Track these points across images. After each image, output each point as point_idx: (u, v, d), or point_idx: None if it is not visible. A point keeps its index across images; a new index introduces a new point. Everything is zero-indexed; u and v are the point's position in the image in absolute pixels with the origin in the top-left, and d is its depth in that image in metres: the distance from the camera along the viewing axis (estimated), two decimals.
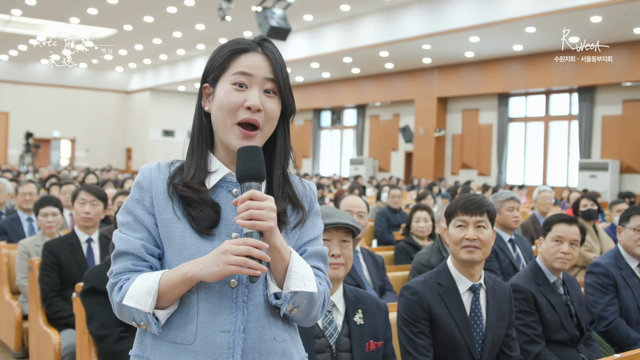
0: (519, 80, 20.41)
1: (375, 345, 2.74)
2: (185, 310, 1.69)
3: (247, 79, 1.71)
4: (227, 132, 1.71)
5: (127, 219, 1.75)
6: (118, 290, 1.69)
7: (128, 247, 1.71)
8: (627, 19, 15.01)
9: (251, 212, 1.58)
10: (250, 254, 1.56)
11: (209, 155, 1.77)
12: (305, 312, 1.73)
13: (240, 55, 1.74)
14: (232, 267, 1.56)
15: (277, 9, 14.21)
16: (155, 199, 1.73)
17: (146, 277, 1.66)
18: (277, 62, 1.75)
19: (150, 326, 1.66)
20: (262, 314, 1.73)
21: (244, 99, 1.69)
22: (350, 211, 4.65)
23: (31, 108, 33.06)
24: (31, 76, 32.74)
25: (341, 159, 29.40)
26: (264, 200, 1.61)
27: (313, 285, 1.70)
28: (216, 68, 1.75)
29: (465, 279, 3.05)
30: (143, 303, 1.63)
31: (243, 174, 1.64)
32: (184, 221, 1.70)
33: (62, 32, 22.93)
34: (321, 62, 23.05)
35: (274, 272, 1.70)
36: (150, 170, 1.77)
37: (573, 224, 3.77)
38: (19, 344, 5.36)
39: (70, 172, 20.91)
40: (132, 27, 22.59)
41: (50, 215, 5.32)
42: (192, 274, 1.61)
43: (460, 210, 3.06)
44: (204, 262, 1.61)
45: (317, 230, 1.88)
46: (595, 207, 7.23)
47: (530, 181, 21.28)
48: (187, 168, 1.76)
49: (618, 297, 4.27)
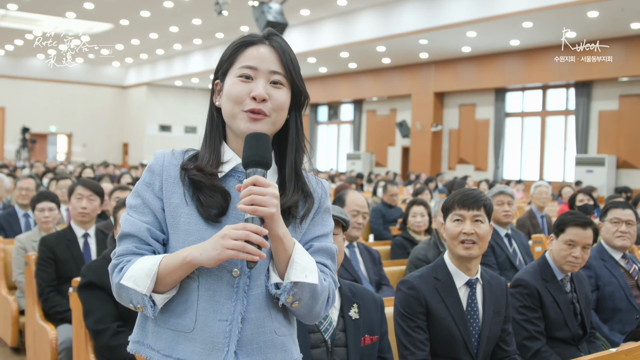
0: (516, 75, 20.42)
1: (371, 340, 2.74)
2: (186, 297, 1.70)
3: (252, 72, 1.72)
4: (235, 119, 1.72)
5: (135, 201, 1.76)
6: (119, 271, 1.69)
7: (133, 229, 1.72)
8: (624, 14, 15.00)
9: (253, 198, 1.58)
10: (249, 239, 1.56)
11: (222, 145, 1.79)
12: (308, 306, 1.72)
13: (246, 49, 1.75)
14: (230, 251, 1.56)
15: (274, 3, 14.19)
16: (165, 182, 1.74)
17: (147, 259, 1.67)
18: (286, 54, 1.76)
19: (147, 309, 1.66)
20: (263, 306, 1.72)
21: (250, 90, 1.71)
22: (357, 211, 4.63)
23: (27, 103, 32.99)
24: (27, 71, 32.67)
25: (338, 154, 29.39)
26: (267, 186, 1.60)
27: (314, 277, 1.69)
28: (224, 62, 1.78)
29: (462, 273, 3.05)
30: (141, 284, 1.64)
31: (248, 159, 1.64)
32: (192, 207, 1.71)
33: (59, 26, 22.86)
34: (318, 57, 23.02)
35: (276, 263, 1.69)
36: (163, 155, 1.79)
37: (588, 227, 3.64)
38: (15, 339, 5.35)
39: (67, 167, 20.87)
40: (129, 22, 22.54)
41: (47, 210, 5.31)
42: (191, 258, 1.61)
43: (457, 204, 3.06)
44: (204, 247, 1.61)
45: (327, 228, 1.86)
46: (592, 202, 7.24)
47: (527, 176, 21.29)
48: (201, 157, 1.77)
49: (597, 291, 4.30)
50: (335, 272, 1.85)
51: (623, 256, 4.46)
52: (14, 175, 11.52)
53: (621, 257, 4.45)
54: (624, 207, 4.56)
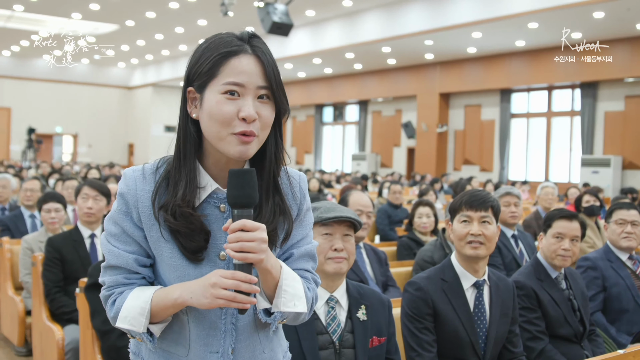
0: (521, 76, 20.38)
1: (379, 341, 2.74)
2: (178, 328, 1.71)
3: (239, 89, 1.59)
4: (223, 142, 1.60)
5: (115, 229, 1.69)
6: (112, 304, 1.68)
7: (119, 261, 1.67)
8: (630, 14, 14.96)
9: (242, 245, 1.52)
10: (239, 289, 1.53)
11: (197, 169, 1.67)
12: (294, 320, 1.77)
13: (229, 60, 1.60)
14: (221, 301, 1.54)
15: (279, 4, 14.19)
16: (142, 215, 1.66)
17: (138, 295, 1.65)
18: (270, 64, 1.63)
19: (145, 342, 1.69)
20: (252, 333, 1.75)
21: (238, 109, 1.58)
22: (360, 211, 4.63)
23: (33, 104, 33.08)
24: (33, 72, 32.72)
25: (343, 154, 29.38)
26: (255, 230, 1.54)
27: (303, 305, 1.69)
28: (203, 74, 1.61)
29: (469, 274, 3.04)
30: (136, 324, 1.63)
31: (235, 200, 1.56)
32: (172, 243, 1.66)
33: (64, 27, 22.90)
34: (323, 57, 23.02)
35: (264, 288, 1.67)
36: (134, 180, 1.68)
37: (574, 220, 3.76)
38: (22, 339, 5.37)
39: (72, 168, 20.91)
40: (134, 23, 22.56)
41: (53, 211, 5.32)
42: (182, 301, 1.60)
43: (464, 205, 3.05)
44: (193, 291, 1.58)
45: (305, 229, 1.83)
46: (598, 203, 7.22)
47: (533, 177, 21.26)
48: (174, 184, 1.66)
49: (604, 292, 4.31)
50: (315, 272, 1.85)
51: (629, 257, 4.47)
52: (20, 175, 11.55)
53: (628, 258, 4.46)
54: (629, 208, 4.56)
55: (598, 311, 4.27)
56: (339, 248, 2.73)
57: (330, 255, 2.71)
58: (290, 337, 2.39)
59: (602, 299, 4.30)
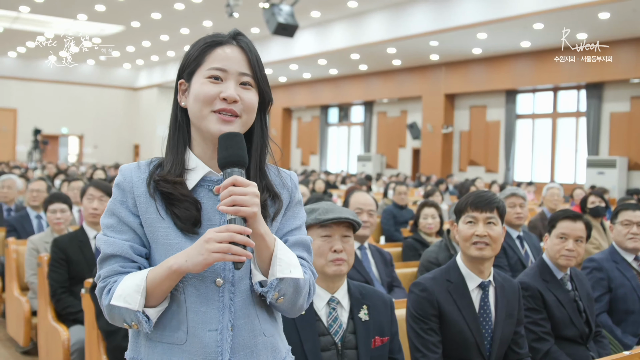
0: (526, 76, 20.33)
1: (381, 341, 2.73)
2: (176, 310, 1.69)
3: (222, 74, 1.71)
4: (205, 120, 1.69)
5: (111, 221, 1.73)
6: (107, 293, 1.67)
7: (115, 249, 1.69)
8: (636, 15, 14.91)
9: (234, 198, 1.56)
10: (233, 240, 1.54)
11: (186, 152, 1.77)
12: (292, 300, 1.72)
13: (214, 49, 1.73)
14: (216, 254, 1.55)
15: (285, 5, 14.20)
16: (138, 199, 1.71)
17: (133, 276, 1.65)
18: (253, 54, 1.75)
19: (142, 325, 1.65)
20: (250, 310, 1.73)
21: (219, 91, 1.69)
22: (360, 209, 4.64)
23: (39, 105, 33.14)
24: (39, 73, 32.78)
25: (349, 155, 29.37)
26: (247, 185, 1.59)
27: (299, 272, 1.69)
28: (191, 62, 1.74)
29: (474, 275, 3.04)
30: (132, 302, 1.62)
31: (225, 160, 1.62)
32: (168, 220, 1.69)
33: (70, 29, 22.96)
34: (328, 58, 23.02)
35: (259, 261, 1.69)
36: (130, 170, 1.76)
37: (578, 220, 3.76)
38: (27, 339, 5.38)
39: (78, 168, 20.95)
40: (140, 24, 22.60)
41: (59, 212, 5.34)
42: (177, 267, 1.59)
43: (470, 206, 3.05)
44: (188, 253, 1.59)
45: (299, 220, 1.86)
46: (603, 204, 7.21)
47: (538, 178, 21.22)
48: (165, 163, 1.76)
49: (609, 293, 4.30)
50: (312, 264, 1.86)
51: (635, 258, 4.46)
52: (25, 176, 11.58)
53: (633, 259, 4.45)
54: (635, 208, 4.56)
55: (604, 312, 4.26)
56: (339, 249, 2.72)
57: (330, 257, 2.71)
58: (292, 339, 2.39)
59: (607, 300, 4.29)
